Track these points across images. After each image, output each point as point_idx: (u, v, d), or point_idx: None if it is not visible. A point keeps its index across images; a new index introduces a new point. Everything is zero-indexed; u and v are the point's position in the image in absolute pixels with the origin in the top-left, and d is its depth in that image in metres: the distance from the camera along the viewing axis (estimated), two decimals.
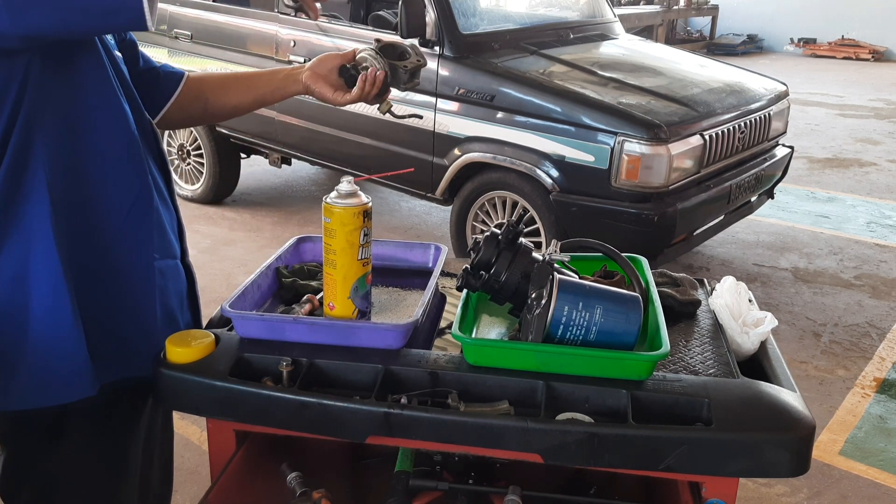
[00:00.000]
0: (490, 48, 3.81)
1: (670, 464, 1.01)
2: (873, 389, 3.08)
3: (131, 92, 1.20)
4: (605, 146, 3.24)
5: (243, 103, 1.43)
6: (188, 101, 1.39)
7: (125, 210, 1.17)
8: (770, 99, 3.94)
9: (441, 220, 4.83)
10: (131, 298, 1.19)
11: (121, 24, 1.07)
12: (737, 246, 4.54)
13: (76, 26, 1.01)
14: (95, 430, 1.21)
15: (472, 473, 1.25)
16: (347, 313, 1.20)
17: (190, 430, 2.67)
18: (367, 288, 1.22)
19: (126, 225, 1.17)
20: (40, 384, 1.13)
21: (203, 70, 4.75)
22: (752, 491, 2.44)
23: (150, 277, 1.21)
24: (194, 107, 1.40)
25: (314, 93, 1.35)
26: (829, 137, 7.17)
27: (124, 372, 1.20)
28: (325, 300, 1.21)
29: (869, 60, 12.26)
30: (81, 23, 1.01)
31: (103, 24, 1.04)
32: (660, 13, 11.56)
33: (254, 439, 1.24)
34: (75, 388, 1.14)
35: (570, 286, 1.10)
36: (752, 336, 1.24)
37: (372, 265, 1.22)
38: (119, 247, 1.17)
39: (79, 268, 1.12)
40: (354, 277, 1.18)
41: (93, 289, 1.14)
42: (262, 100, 1.42)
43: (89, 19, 1.00)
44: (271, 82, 1.40)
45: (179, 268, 1.30)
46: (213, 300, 1.34)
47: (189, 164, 5.01)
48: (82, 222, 1.13)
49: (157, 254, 1.22)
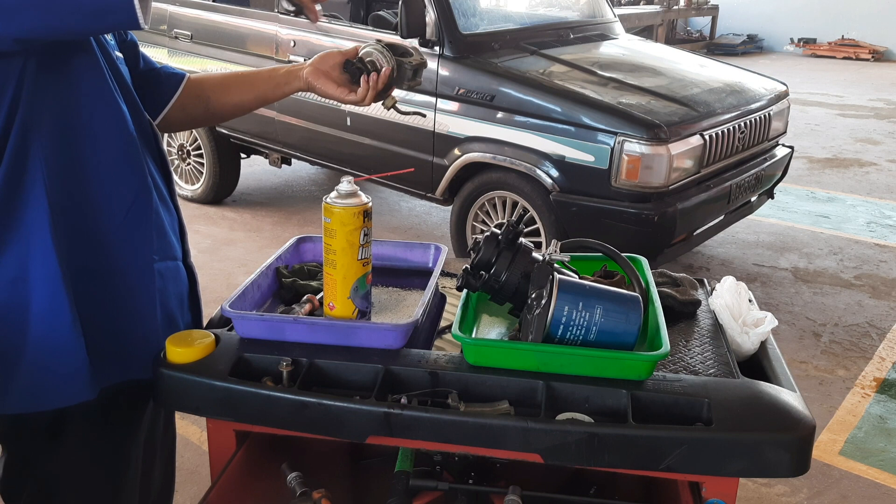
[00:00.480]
0: (490, 48, 3.81)
1: (670, 464, 1.01)
2: (873, 389, 3.08)
3: (130, 92, 1.20)
4: (605, 146, 3.24)
5: (244, 102, 1.42)
6: (189, 102, 1.39)
7: (123, 211, 1.16)
8: (770, 99, 3.93)
9: (441, 220, 4.83)
10: (130, 301, 1.19)
11: (113, 23, 1.07)
12: (737, 246, 4.54)
13: (69, 27, 1.01)
14: (95, 432, 1.21)
15: (472, 473, 1.25)
16: (347, 313, 1.20)
17: (190, 430, 2.67)
18: (368, 288, 1.22)
19: (125, 226, 1.17)
20: (38, 387, 1.13)
21: (203, 70, 4.75)
22: (752, 491, 2.44)
23: (150, 279, 1.20)
24: (196, 108, 1.40)
25: (316, 90, 1.34)
26: (829, 137, 7.17)
27: (124, 374, 1.20)
28: (326, 300, 1.21)
29: (869, 60, 12.26)
30: (74, 23, 1.00)
31: (96, 24, 1.04)
32: (660, 13, 11.56)
33: (254, 439, 1.24)
34: (74, 391, 1.14)
35: (570, 286, 1.10)
36: (752, 336, 1.24)
37: (372, 265, 1.22)
38: (118, 248, 1.16)
39: (77, 270, 1.12)
40: (354, 277, 1.18)
41: (92, 291, 1.14)
42: (264, 98, 1.41)
43: (81, 20, 1.00)
44: (272, 80, 1.39)
45: (180, 269, 1.29)
46: (213, 300, 1.34)
47: (189, 164, 5.01)
48: (81, 224, 1.12)
49: (156, 255, 1.21)
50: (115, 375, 1.19)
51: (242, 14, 4.58)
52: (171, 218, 1.27)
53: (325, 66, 1.34)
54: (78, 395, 1.14)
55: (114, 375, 1.19)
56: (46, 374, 1.12)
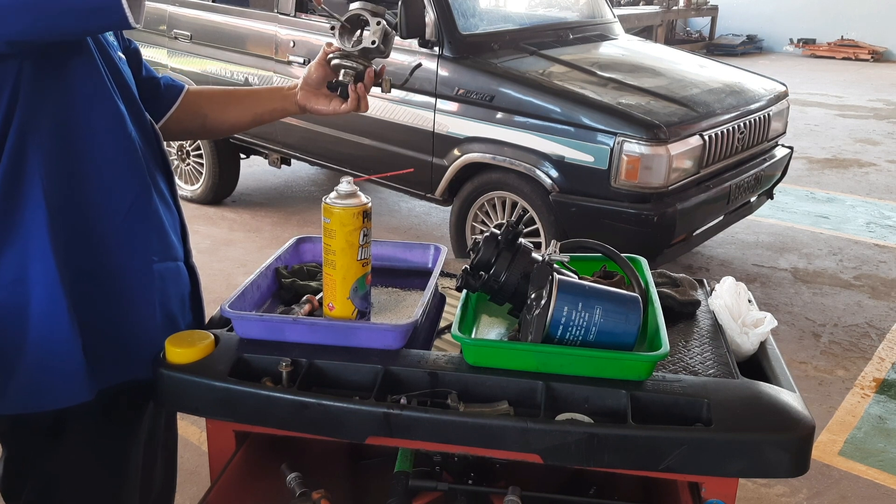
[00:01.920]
0: (490, 48, 3.81)
1: (670, 464, 1.01)
2: (873, 390, 3.08)
3: (130, 93, 1.20)
4: (605, 146, 3.24)
5: (241, 121, 1.43)
6: (186, 117, 1.39)
7: (123, 212, 1.16)
8: (769, 99, 3.94)
9: (441, 221, 4.83)
10: (130, 302, 1.19)
11: (104, 23, 1.06)
12: (736, 246, 4.54)
13: (60, 28, 1.00)
14: (95, 432, 1.21)
15: (472, 474, 1.25)
16: (347, 314, 1.20)
17: (190, 430, 2.67)
18: (367, 288, 1.21)
19: (124, 227, 1.16)
20: (37, 388, 1.13)
21: (203, 71, 4.75)
22: (752, 491, 2.45)
23: (150, 280, 1.20)
24: (192, 123, 1.40)
25: (312, 111, 1.35)
26: (828, 138, 7.17)
27: (125, 375, 1.20)
28: (325, 300, 1.21)
29: (868, 61, 12.27)
30: (64, 24, 1.00)
31: (86, 24, 1.03)
32: (659, 14, 11.56)
33: (254, 439, 1.24)
34: (72, 392, 1.14)
35: (570, 286, 1.10)
36: (752, 336, 1.24)
37: (372, 265, 1.22)
38: (117, 249, 1.16)
39: (77, 271, 1.12)
40: (354, 278, 1.18)
41: (91, 292, 1.14)
42: (260, 119, 1.42)
43: (72, 21, 1.00)
44: (271, 102, 1.39)
45: (181, 269, 1.29)
46: (213, 300, 1.34)
47: (189, 165, 5.01)
48: (79, 225, 1.12)
49: (156, 256, 1.21)
50: (115, 376, 1.19)
51: (242, 14, 4.58)
52: (172, 218, 1.27)
53: (312, 87, 1.33)
54: (76, 396, 1.14)
55: (114, 376, 1.19)
56: (45, 374, 1.12)
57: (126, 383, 1.20)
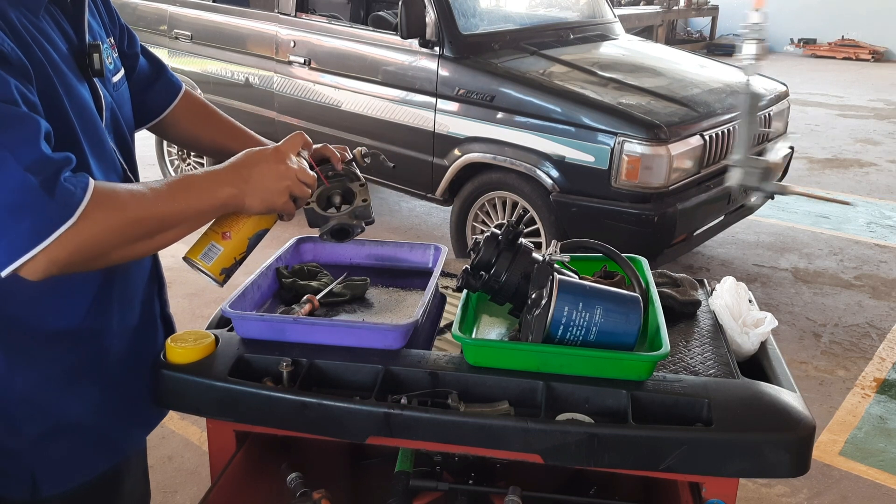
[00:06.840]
0: (490, 48, 3.81)
1: (670, 464, 1.01)
2: (873, 390, 3.08)
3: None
4: (605, 146, 3.24)
5: (205, 144, 1.37)
6: (186, 116, 1.34)
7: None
8: (770, 99, 3.94)
9: (441, 221, 4.83)
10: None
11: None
12: (737, 246, 4.54)
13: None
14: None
15: (472, 474, 1.25)
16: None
17: (190, 430, 2.67)
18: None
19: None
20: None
21: (203, 70, 4.76)
22: (752, 491, 2.44)
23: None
24: (188, 132, 1.36)
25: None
26: (829, 138, 7.17)
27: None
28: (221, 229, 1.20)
29: (869, 61, 12.26)
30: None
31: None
32: (660, 13, 11.56)
33: (254, 439, 1.24)
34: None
35: (570, 286, 1.10)
36: (752, 336, 1.24)
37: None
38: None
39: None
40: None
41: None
42: (219, 153, 1.32)
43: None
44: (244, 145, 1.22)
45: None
46: (213, 300, 1.34)
47: (189, 165, 5.01)
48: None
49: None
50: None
51: (242, 14, 4.58)
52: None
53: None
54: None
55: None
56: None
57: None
